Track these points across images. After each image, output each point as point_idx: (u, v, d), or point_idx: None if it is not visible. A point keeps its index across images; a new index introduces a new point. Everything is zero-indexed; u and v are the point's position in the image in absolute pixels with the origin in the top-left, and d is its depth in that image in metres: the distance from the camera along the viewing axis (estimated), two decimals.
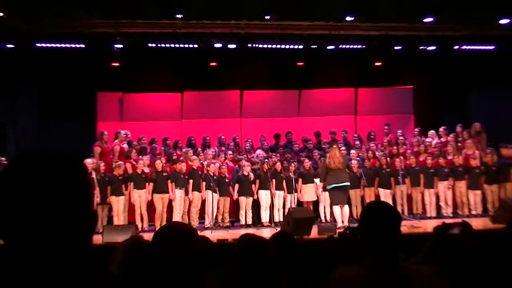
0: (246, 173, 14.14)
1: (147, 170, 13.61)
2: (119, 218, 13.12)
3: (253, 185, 14.22)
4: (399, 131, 16.60)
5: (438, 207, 14.88)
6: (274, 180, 14.29)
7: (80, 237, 1.56)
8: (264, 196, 14.20)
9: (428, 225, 12.97)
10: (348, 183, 13.25)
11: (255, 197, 14.23)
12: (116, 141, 14.64)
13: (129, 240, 3.77)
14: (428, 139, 16.03)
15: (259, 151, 15.58)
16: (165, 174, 13.58)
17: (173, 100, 17.64)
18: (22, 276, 1.48)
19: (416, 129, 16.79)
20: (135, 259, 3.34)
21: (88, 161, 13.23)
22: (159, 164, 13.55)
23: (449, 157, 15.14)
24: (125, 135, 15.05)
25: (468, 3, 13.24)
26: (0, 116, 14.77)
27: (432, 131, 16.31)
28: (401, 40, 16.12)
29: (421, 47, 16.36)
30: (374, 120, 17.87)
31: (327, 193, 13.74)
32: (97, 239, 11.31)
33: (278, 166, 14.45)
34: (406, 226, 11.88)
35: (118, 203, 13.22)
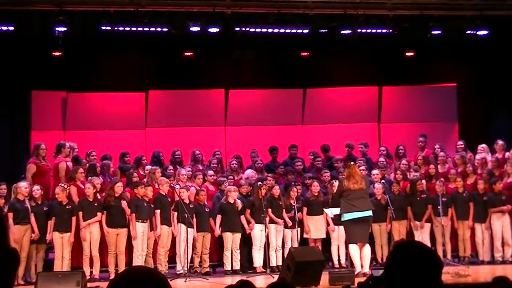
0: (232, 201, 14.11)
1: (98, 196, 13.57)
2: (63, 262, 13.05)
3: (241, 217, 14.22)
4: (438, 144, 16.64)
5: (494, 248, 14.90)
6: (270, 210, 14.28)
7: None
8: (257, 231, 14.18)
9: (481, 273, 12.97)
10: (371, 214, 13.23)
11: (246, 232, 14.22)
12: (60, 156, 14.55)
13: None
14: (478, 156, 16.04)
15: (249, 171, 15.57)
16: (123, 201, 13.53)
17: (134, 102, 17.62)
18: None
19: (460, 142, 16.81)
20: None
21: (23, 185, 13.13)
22: (119, 188, 13.50)
23: (509, 180, 15.18)
24: (70, 149, 14.95)
25: None
26: None
27: (484, 145, 16.32)
28: (440, 22, 16.17)
29: (468, 32, 16.42)
30: (404, 129, 17.94)
31: (341, 227, 13.74)
32: None
33: (276, 190, 14.43)
34: (449, 274, 11.82)
35: (63, 241, 13.14)
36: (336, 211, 13.53)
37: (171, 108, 17.60)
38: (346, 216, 13.02)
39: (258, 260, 14.16)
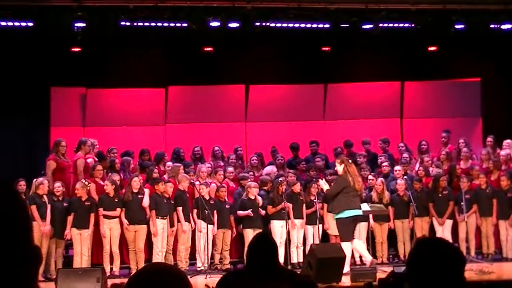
0: (252, 197, 14.14)
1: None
2: (82, 259, 13.10)
3: (262, 213, 14.22)
4: (462, 139, 16.57)
5: None
6: (291, 206, 14.28)
7: (15, 283, 1.54)
8: (277, 228, 14.21)
9: (505, 270, 12.89)
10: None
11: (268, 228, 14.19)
12: (79, 153, 14.60)
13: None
14: (503, 152, 15.94)
15: (269, 167, 15.58)
16: (141, 197, 13.59)
17: (154, 98, 17.67)
18: None
19: (490, 138, 16.71)
20: None
21: (45, 181, 13.21)
22: (135, 183, 13.56)
23: None
24: (91, 146, 14.96)
25: None
26: None
27: (509, 140, 16.22)
28: (464, 16, 16.09)
29: (492, 26, 16.33)
30: (427, 125, 17.87)
31: (361, 224, 13.79)
32: (50, 287, 11.35)
33: (297, 187, 14.44)
34: (473, 271, 11.81)
35: (81, 237, 13.20)
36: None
37: (191, 104, 17.60)
38: (347, 213, 12.83)
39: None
